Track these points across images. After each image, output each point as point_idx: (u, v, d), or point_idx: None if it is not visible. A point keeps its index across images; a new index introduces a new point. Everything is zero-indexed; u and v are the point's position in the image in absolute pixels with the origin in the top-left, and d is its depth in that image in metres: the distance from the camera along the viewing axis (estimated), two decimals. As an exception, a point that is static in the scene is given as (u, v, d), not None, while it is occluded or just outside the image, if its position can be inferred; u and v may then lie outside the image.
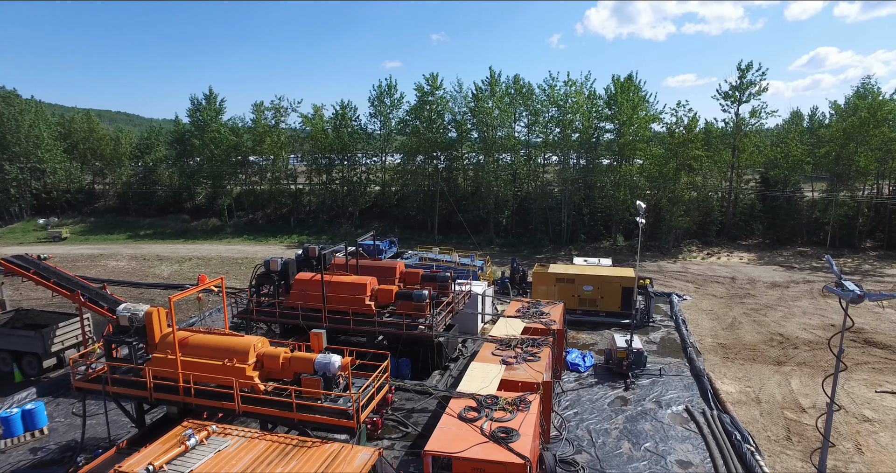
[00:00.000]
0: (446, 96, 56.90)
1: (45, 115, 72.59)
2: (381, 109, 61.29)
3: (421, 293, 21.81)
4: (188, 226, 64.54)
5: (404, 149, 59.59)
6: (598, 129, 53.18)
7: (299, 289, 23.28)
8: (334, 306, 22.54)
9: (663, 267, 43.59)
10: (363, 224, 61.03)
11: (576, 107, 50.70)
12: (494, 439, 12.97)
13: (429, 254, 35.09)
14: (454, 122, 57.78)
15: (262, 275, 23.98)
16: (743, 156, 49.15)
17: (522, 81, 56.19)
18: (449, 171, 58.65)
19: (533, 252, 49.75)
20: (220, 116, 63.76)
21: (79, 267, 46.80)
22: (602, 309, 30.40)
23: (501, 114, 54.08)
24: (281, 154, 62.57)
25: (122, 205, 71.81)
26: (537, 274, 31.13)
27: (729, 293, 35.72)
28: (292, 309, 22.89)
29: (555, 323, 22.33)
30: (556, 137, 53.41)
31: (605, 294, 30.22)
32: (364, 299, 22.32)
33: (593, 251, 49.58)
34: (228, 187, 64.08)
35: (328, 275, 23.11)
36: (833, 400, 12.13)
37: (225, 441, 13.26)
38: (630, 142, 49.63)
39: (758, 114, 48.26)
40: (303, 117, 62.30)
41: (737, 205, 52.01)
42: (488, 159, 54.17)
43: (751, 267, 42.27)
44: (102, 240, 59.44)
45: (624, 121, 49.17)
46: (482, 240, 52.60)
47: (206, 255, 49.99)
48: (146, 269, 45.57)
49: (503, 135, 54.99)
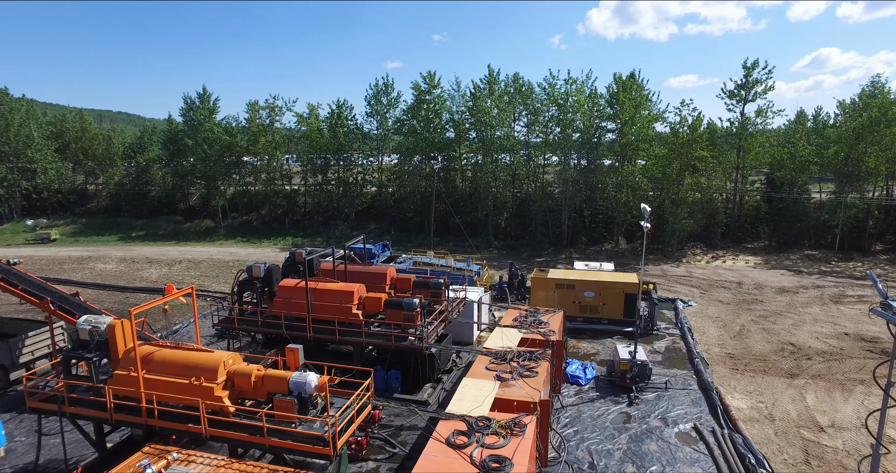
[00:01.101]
0: (444, 95, 55.65)
1: (36, 114, 71.21)
2: (377, 108, 59.93)
3: (411, 301, 20.46)
4: (181, 227, 63.24)
5: (401, 149, 58.27)
6: (599, 129, 51.88)
7: (283, 297, 21.95)
8: (320, 315, 21.20)
9: (667, 271, 42.23)
10: (359, 226, 59.71)
11: (577, 106, 49.36)
12: (485, 470, 11.64)
13: (423, 259, 33.74)
14: (452, 122, 56.48)
15: (245, 282, 22.64)
16: (749, 156, 47.78)
17: (522, 80, 54.95)
18: (446, 172, 57.31)
19: (532, 255, 48.41)
20: (214, 115, 62.43)
21: (65, 270, 45.55)
22: (604, 317, 29.03)
23: (500, 113, 52.75)
24: (275, 154, 61.24)
25: (115, 206, 70.46)
26: (536, 279, 29.78)
27: (736, 299, 34.35)
28: (275, 318, 21.55)
29: (554, 333, 20.99)
30: (556, 137, 52.10)
31: (606, 300, 28.87)
32: (351, 308, 20.98)
33: (594, 254, 48.27)
34: (222, 188, 62.75)
35: (314, 282, 21.78)
36: (880, 442, 10.65)
37: (187, 470, 11.95)
38: (632, 142, 48.29)
39: (764, 113, 46.89)
40: (298, 116, 61.09)
41: (742, 207, 50.64)
42: (487, 159, 52.85)
43: (758, 272, 40.89)
44: (93, 242, 58.15)
45: (626, 121, 47.81)
46: (480, 243, 51.26)
47: (197, 258, 48.68)
48: (134, 272, 44.25)
49: (502, 135, 53.67)
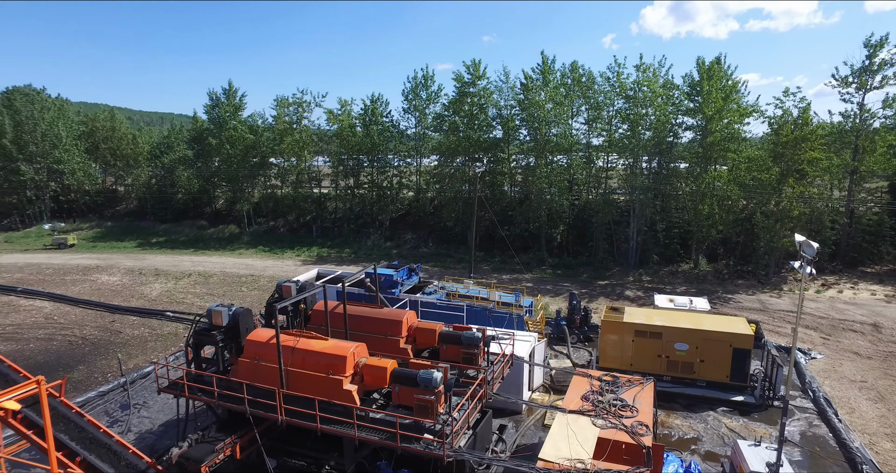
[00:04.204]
0: (490, 87, 48.42)
1: (67, 114, 68.75)
2: (416, 104, 53.46)
3: (429, 377, 13.46)
4: (203, 233, 58.64)
5: (441, 149, 51.46)
6: (675, 126, 43.45)
7: (251, 357, 15.42)
8: (298, 389, 14.59)
9: (766, 302, 33.58)
10: (394, 235, 53.33)
11: (651, 98, 41.09)
12: None
13: (459, 288, 26.66)
14: (499, 118, 49.23)
15: (202, 332, 16.26)
16: (870, 158, 38.24)
17: (581, 69, 47.15)
18: (493, 176, 50.04)
19: (593, 276, 40.53)
20: (239, 113, 57.48)
21: (66, 281, 41.20)
22: (702, 378, 21.20)
23: (556, 107, 45.05)
24: (303, 154, 55.62)
25: (141, 209, 66.91)
26: (609, 322, 22.21)
27: (878, 350, 25.58)
28: (238, 387, 15.04)
29: (647, 430, 13.62)
30: (623, 135, 43.98)
31: (706, 356, 21.01)
32: (341, 381, 14.20)
33: (669, 276, 39.96)
34: (248, 191, 57.71)
35: (292, 339, 15.17)
36: None
37: None
38: (719, 140, 39.62)
39: (893, 104, 37.33)
40: (328, 112, 55.14)
41: (857, 222, 41.01)
42: (540, 162, 45.22)
43: (894, 308, 31.62)
44: (110, 248, 54.13)
45: (712, 115, 39.23)
46: (531, 260, 43.71)
47: (209, 270, 43.37)
48: (136, 287, 39.26)
49: (558, 134, 46.00)
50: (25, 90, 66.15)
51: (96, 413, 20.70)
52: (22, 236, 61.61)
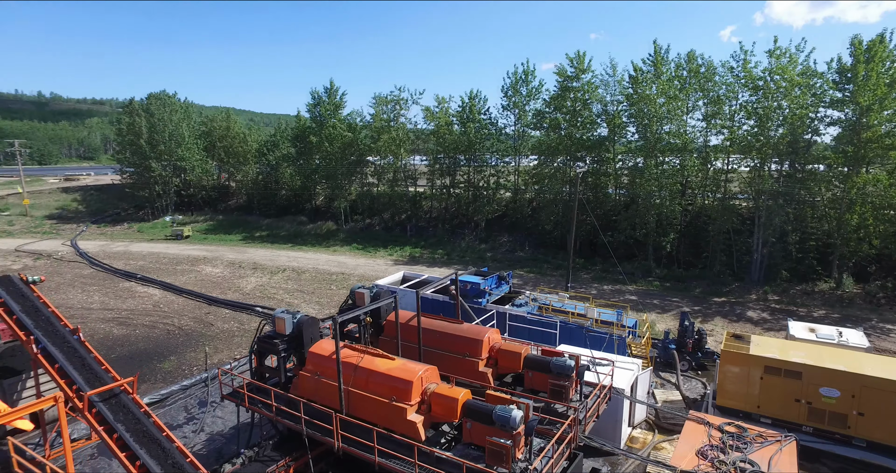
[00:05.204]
0: (595, 81, 44.73)
1: (190, 115, 74.30)
2: (515, 100, 51.00)
3: (507, 416, 11.20)
4: (302, 229, 60.31)
5: (541, 147, 48.57)
6: (815, 121, 37.27)
7: (312, 371, 14.06)
8: (359, 412, 12.96)
9: (936, 335, 27.33)
10: (489, 237, 51.30)
11: (787, 88, 35.44)
12: None
13: (553, 301, 23.92)
14: (605, 115, 45.39)
15: (266, 339, 15.19)
16: None
17: (700, 59, 42.05)
18: (596, 177, 46.29)
19: (708, 291, 35.79)
20: (339, 111, 58.41)
21: (177, 271, 43.67)
22: (859, 436, 16.85)
23: (669, 102, 40.50)
24: (399, 152, 55.23)
25: (249, 203, 70.76)
26: (729, 353, 18.46)
27: None
28: (297, 404, 13.72)
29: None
30: (748, 133, 38.51)
31: (867, 408, 16.63)
32: (405, 410, 12.33)
33: (802, 297, 34.26)
34: (345, 189, 58.51)
35: (356, 355, 13.59)
36: None
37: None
38: (878, 136, 33.20)
39: None
40: (425, 110, 54.28)
41: None
42: (649, 162, 40.92)
43: None
44: (218, 241, 57.25)
45: (869, 106, 32.94)
46: (636, 269, 39.63)
47: (303, 267, 43.99)
48: (234, 279, 40.58)
49: (671, 131, 41.40)
50: (160, 95, 72.28)
51: (175, 408, 20.71)
52: (150, 227, 67.21)
